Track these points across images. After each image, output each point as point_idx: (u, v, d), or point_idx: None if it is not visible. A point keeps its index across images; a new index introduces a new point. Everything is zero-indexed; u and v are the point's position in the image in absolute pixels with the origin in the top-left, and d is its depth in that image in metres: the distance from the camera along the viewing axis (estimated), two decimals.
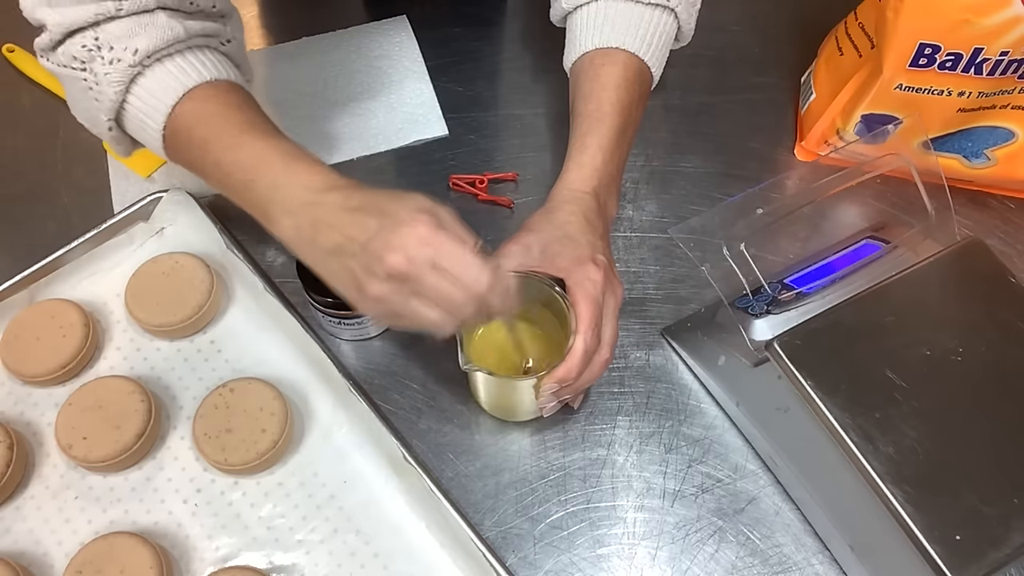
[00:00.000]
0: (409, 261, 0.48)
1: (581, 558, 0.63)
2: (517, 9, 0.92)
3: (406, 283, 0.49)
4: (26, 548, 0.63)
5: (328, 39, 0.88)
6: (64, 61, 0.59)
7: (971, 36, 0.65)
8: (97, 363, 0.70)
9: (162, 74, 0.59)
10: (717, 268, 0.57)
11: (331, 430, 0.67)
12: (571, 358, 0.57)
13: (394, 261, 0.48)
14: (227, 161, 0.57)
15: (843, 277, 0.61)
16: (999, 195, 0.80)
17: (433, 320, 0.51)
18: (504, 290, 0.51)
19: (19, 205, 0.78)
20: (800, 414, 0.56)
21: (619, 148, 0.65)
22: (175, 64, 0.59)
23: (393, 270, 0.49)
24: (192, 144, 0.59)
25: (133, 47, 0.58)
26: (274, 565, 0.62)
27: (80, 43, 0.58)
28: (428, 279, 0.49)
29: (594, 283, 0.58)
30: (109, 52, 0.58)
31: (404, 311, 0.51)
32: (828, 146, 0.80)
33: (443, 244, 0.49)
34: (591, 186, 0.63)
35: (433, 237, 0.49)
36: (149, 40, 0.58)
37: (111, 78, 0.58)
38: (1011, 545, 0.51)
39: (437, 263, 0.49)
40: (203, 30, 0.61)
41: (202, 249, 0.73)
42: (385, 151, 0.81)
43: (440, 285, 0.49)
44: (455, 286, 0.49)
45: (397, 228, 0.49)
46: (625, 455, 0.67)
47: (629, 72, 0.66)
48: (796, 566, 0.63)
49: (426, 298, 0.50)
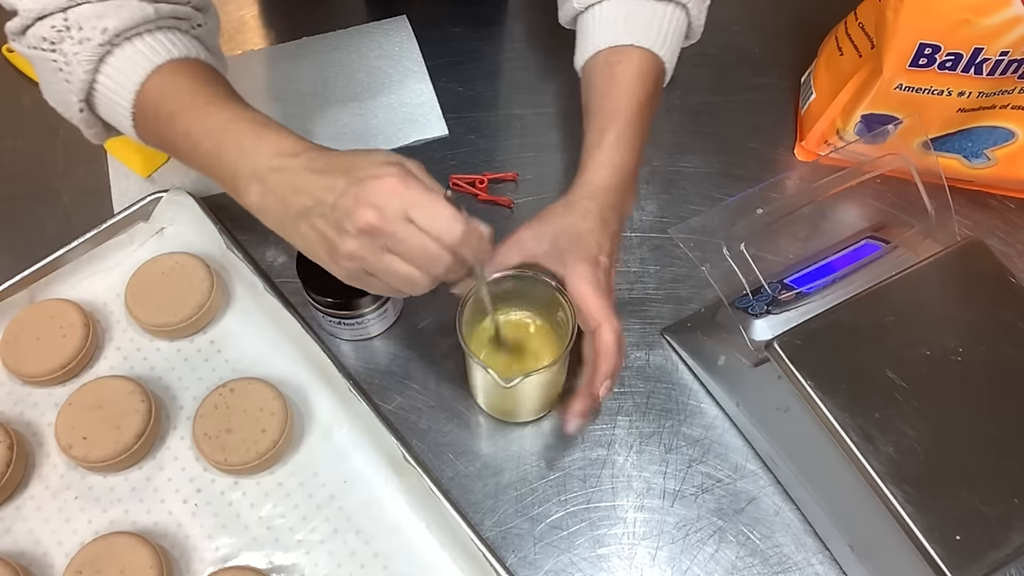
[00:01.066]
0: (380, 214, 0.49)
1: (581, 558, 0.63)
2: (517, 9, 0.92)
3: (378, 238, 0.49)
4: (26, 548, 0.63)
5: (328, 39, 0.88)
6: (34, 43, 0.59)
7: (971, 36, 0.65)
8: (97, 363, 0.70)
9: (131, 52, 0.59)
10: (717, 268, 0.57)
11: (331, 430, 0.67)
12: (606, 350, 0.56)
13: (365, 215, 0.49)
14: (195, 131, 0.57)
15: (843, 277, 0.61)
16: (999, 195, 0.80)
17: (407, 275, 0.50)
18: (477, 239, 0.51)
19: (19, 205, 0.79)
20: (800, 414, 0.56)
21: (636, 145, 0.64)
22: (144, 42, 0.60)
23: (365, 224, 0.49)
24: (160, 118, 0.59)
25: (102, 26, 0.58)
26: (274, 565, 0.62)
27: (50, 24, 0.58)
28: (401, 231, 0.49)
29: (596, 278, 0.58)
30: (79, 32, 0.58)
31: (378, 267, 0.51)
32: (828, 146, 0.80)
33: (413, 195, 0.49)
34: (611, 183, 0.62)
35: (403, 189, 0.49)
36: (119, 20, 0.58)
37: (80, 57, 0.58)
38: (1011, 545, 0.51)
39: (408, 214, 0.49)
40: (173, 12, 0.61)
41: (202, 249, 0.73)
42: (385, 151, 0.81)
43: (413, 236, 0.49)
44: (428, 236, 0.49)
45: (365, 183, 0.49)
46: (625, 455, 0.67)
47: (645, 69, 0.66)
48: (796, 566, 0.63)
49: (399, 253, 0.50)
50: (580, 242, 0.59)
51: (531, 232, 0.60)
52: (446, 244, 0.49)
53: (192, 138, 0.57)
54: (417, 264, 0.50)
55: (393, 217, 0.49)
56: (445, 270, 0.51)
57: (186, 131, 0.58)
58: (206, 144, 0.57)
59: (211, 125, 0.57)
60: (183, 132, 0.58)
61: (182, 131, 0.58)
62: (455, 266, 0.51)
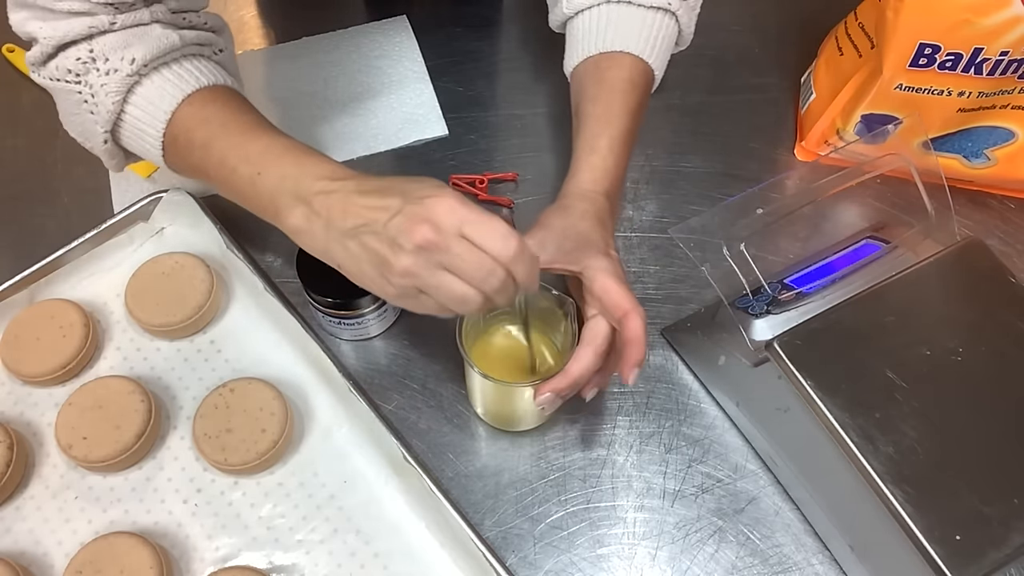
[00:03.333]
0: (438, 230, 0.49)
1: (581, 558, 0.63)
2: (517, 9, 0.92)
3: (434, 254, 0.49)
4: (26, 548, 0.63)
5: (328, 39, 0.88)
6: (57, 75, 0.59)
7: (971, 36, 0.65)
8: (97, 363, 0.70)
9: (160, 81, 0.59)
10: (717, 268, 0.57)
11: (331, 430, 0.67)
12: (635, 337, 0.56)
13: (422, 231, 0.49)
14: (232, 157, 0.57)
15: (843, 277, 0.61)
16: (999, 195, 0.80)
17: (461, 293, 0.50)
18: (530, 259, 0.51)
19: (19, 205, 0.79)
20: (800, 414, 0.56)
21: (626, 151, 0.65)
22: (172, 71, 0.60)
23: (422, 240, 0.49)
24: (193, 146, 0.59)
25: (130, 57, 0.58)
26: (274, 565, 0.62)
27: (75, 56, 0.58)
28: (456, 246, 0.49)
29: (615, 269, 0.58)
30: (105, 63, 0.58)
31: (431, 284, 0.50)
32: (828, 146, 0.80)
33: (469, 212, 0.49)
34: (603, 187, 0.63)
35: (459, 206, 0.49)
36: (146, 49, 0.58)
37: (108, 88, 0.58)
38: (1011, 545, 0.51)
39: (465, 231, 0.49)
40: (197, 39, 0.62)
41: (202, 249, 0.73)
42: (385, 151, 0.81)
43: (469, 252, 0.49)
44: (483, 253, 0.49)
45: (423, 201, 0.49)
46: (625, 455, 0.67)
47: (635, 75, 0.66)
48: (796, 566, 0.63)
49: (454, 268, 0.50)
50: (587, 240, 0.59)
51: (534, 240, 0.60)
52: (501, 261, 0.49)
53: (229, 164, 0.57)
54: (471, 280, 0.50)
55: (449, 232, 0.49)
56: (498, 288, 0.50)
57: (221, 159, 0.58)
58: (244, 170, 0.57)
59: (250, 152, 0.57)
60: (218, 160, 0.58)
61: (217, 159, 0.58)
62: (507, 284, 0.51)
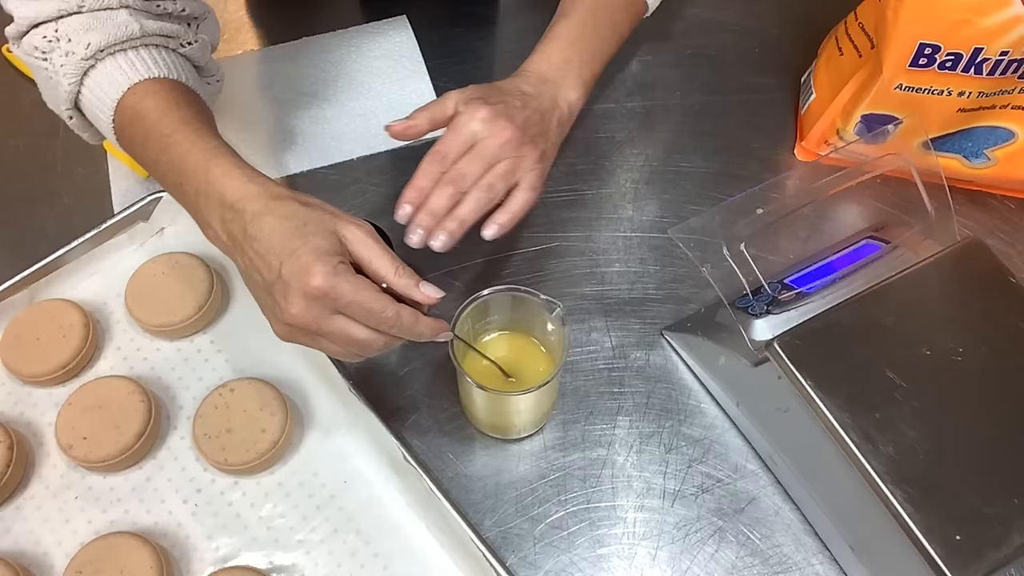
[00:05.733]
0: (307, 314, 0.51)
1: (581, 558, 0.63)
2: (518, 9, 0.92)
3: (310, 325, 0.52)
4: (26, 548, 0.63)
5: (327, 39, 0.88)
6: (28, 50, 0.61)
7: (971, 36, 0.65)
8: (97, 363, 0.70)
9: (112, 68, 0.60)
10: (717, 268, 0.57)
11: (331, 430, 0.67)
12: None
13: (297, 308, 0.51)
14: (162, 161, 0.58)
15: (843, 277, 0.61)
16: (999, 195, 0.80)
17: (360, 338, 0.53)
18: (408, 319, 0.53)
19: (19, 205, 0.79)
20: (800, 414, 0.56)
21: (582, 39, 0.67)
22: (125, 59, 0.60)
23: (292, 318, 0.51)
24: (135, 139, 0.60)
25: (86, 41, 0.59)
26: (274, 565, 0.62)
27: (42, 34, 0.60)
28: (326, 326, 0.52)
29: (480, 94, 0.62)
30: (67, 44, 0.59)
31: (322, 335, 0.53)
32: (828, 146, 0.80)
33: (342, 291, 0.51)
34: (537, 68, 0.66)
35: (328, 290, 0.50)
36: (102, 35, 0.59)
37: (66, 70, 0.60)
38: (1011, 545, 0.51)
39: (339, 310, 0.51)
40: (160, 30, 0.62)
41: (202, 249, 0.72)
42: (385, 151, 0.81)
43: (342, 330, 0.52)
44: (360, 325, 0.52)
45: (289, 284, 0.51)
46: (625, 455, 0.67)
47: None
48: (796, 566, 0.63)
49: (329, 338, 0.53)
50: (488, 93, 0.62)
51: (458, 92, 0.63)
52: (381, 330, 0.53)
53: (160, 167, 0.59)
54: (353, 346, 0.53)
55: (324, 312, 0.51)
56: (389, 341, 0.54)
57: (155, 159, 0.59)
58: (171, 177, 0.58)
59: (174, 157, 0.58)
60: (153, 159, 0.59)
61: (152, 158, 0.59)
62: (393, 341, 0.54)
